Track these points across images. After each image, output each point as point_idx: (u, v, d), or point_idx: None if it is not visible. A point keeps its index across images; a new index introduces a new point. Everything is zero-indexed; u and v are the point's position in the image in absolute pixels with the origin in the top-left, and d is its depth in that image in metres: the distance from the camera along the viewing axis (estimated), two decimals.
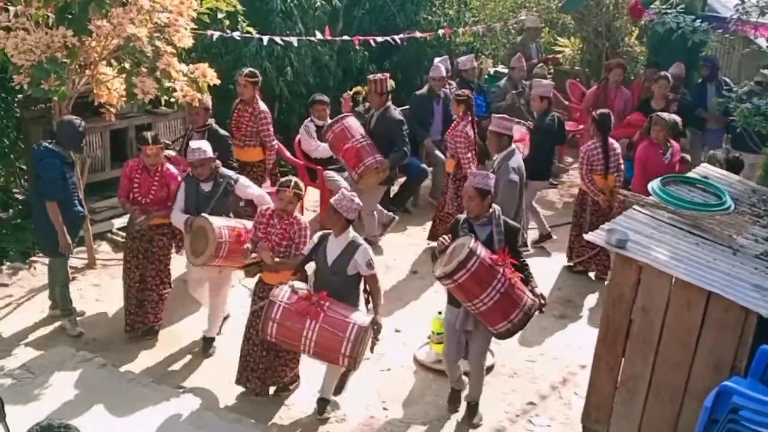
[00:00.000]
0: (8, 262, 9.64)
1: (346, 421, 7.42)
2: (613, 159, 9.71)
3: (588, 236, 6.64)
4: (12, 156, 10.74)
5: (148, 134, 8.28)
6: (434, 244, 7.35)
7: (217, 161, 8.13)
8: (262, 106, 10.00)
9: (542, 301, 7.01)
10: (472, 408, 7.50)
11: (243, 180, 8.25)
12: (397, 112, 10.56)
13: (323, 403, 7.43)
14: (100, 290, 9.20)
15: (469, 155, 9.94)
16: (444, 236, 7.00)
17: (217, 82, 8.97)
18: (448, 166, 10.32)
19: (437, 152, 11.64)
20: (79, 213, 8.36)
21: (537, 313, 7.03)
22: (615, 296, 6.32)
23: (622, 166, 9.91)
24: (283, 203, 7.31)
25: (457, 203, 9.80)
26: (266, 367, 7.50)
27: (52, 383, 7.45)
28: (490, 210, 7.05)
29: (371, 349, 7.13)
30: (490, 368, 8.22)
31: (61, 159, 8.07)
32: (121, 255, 9.79)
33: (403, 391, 7.87)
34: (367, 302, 7.24)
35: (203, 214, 7.79)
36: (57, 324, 8.44)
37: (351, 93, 12.40)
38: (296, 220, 7.42)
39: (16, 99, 10.36)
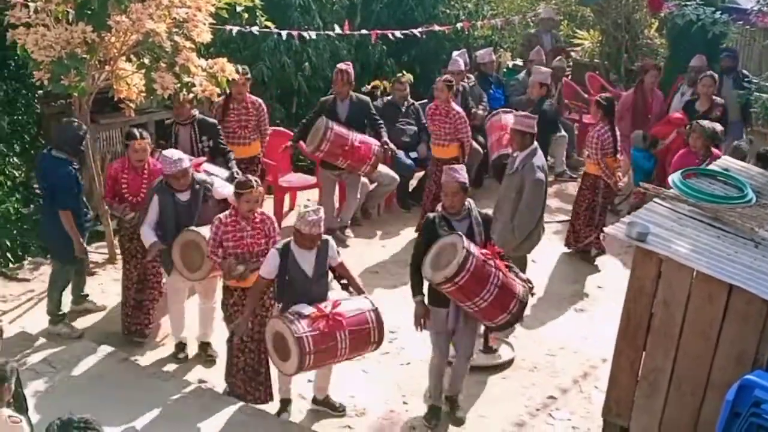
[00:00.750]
0: (29, 257, 9.69)
1: (365, 415, 7.43)
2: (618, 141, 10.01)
3: (608, 229, 6.60)
4: (32, 152, 10.78)
5: (136, 130, 8.30)
6: None
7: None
8: (255, 98, 10.15)
9: (530, 285, 7.13)
10: (454, 402, 7.51)
11: (217, 182, 8.11)
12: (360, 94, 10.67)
13: (329, 401, 7.44)
14: (121, 285, 9.22)
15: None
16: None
17: (236, 76, 9.02)
18: (448, 153, 10.40)
19: None
20: (87, 217, 8.37)
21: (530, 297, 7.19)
22: (636, 289, 6.29)
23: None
24: (250, 204, 7.14)
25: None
26: (267, 371, 7.43)
27: (73, 377, 7.49)
28: (466, 204, 7.09)
29: None
30: (510, 362, 8.22)
31: (72, 166, 8.07)
32: None
33: (423, 386, 7.85)
34: (345, 288, 7.21)
35: (192, 228, 7.59)
36: (61, 328, 8.33)
37: (370, 87, 12.40)
38: (266, 216, 7.36)
39: (36, 95, 10.41)
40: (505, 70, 14.95)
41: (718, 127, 9.63)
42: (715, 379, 5.97)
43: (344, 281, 7.22)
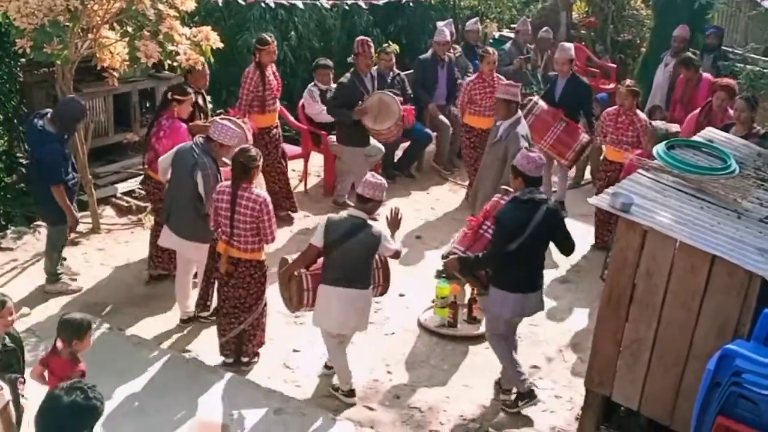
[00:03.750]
0: (12, 226, 9.65)
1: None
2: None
3: (591, 200, 6.61)
4: (15, 120, 10.71)
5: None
6: None
7: None
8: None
9: None
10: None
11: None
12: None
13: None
14: (105, 254, 9.22)
15: None
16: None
17: (221, 45, 8.96)
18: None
19: (441, 117, 11.61)
20: (74, 181, 8.31)
21: None
22: (619, 260, 6.30)
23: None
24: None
25: None
26: None
27: None
28: None
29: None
30: None
31: (59, 141, 8.03)
32: (124, 219, 9.87)
33: (407, 355, 7.91)
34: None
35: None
36: (60, 286, 8.46)
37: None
38: None
39: (18, 63, 10.32)
40: (491, 40, 14.90)
41: (673, 128, 8.67)
42: (696, 349, 6.00)
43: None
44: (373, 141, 10.97)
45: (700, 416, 5.51)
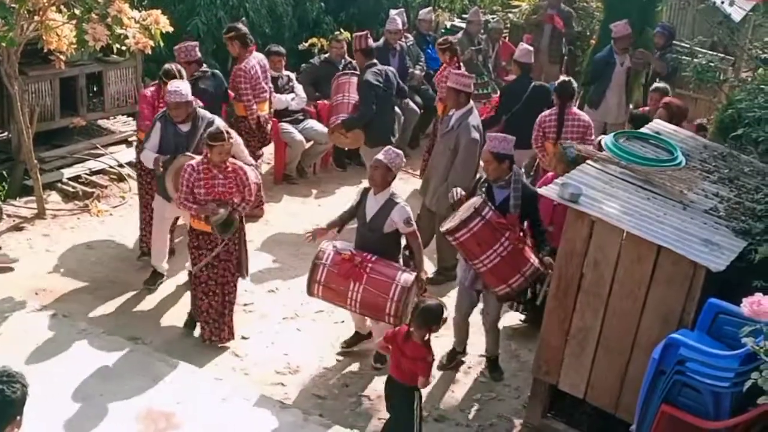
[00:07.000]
0: None
1: (300, 372, 7.45)
2: (569, 127, 9.25)
3: (541, 190, 6.66)
4: None
5: (174, 68, 8.53)
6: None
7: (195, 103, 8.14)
8: (244, 63, 9.98)
9: (549, 271, 6.98)
10: (492, 362, 7.68)
11: (218, 121, 8.10)
12: (369, 74, 9.90)
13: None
14: (50, 240, 9.09)
15: None
16: (458, 188, 7.20)
17: (170, 29, 8.85)
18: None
19: None
20: None
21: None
22: (567, 250, 6.36)
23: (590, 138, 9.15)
24: (222, 156, 7.20)
25: None
26: (230, 313, 7.62)
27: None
28: (509, 174, 7.16)
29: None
30: (444, 321, 8.25)
31: None
32: (70, 205, 9.75)
33: (358, 344, 7.90)
34: (409, 259, 7.35)
35: (187, 153, 7.75)
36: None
37: (307, 44, 12.31)
38: (238, 166, 7.40)
39: None
40: (443, 30, 14.91)
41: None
42: (642, 338, 6.08)
43: (408, 252, 7.40)
44: (322, 129, 10.90)
45: (644, 404, 5.59)
